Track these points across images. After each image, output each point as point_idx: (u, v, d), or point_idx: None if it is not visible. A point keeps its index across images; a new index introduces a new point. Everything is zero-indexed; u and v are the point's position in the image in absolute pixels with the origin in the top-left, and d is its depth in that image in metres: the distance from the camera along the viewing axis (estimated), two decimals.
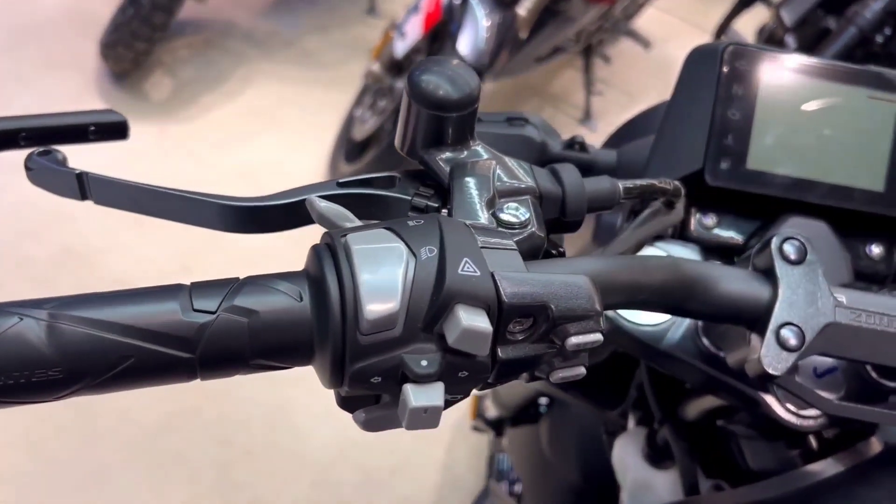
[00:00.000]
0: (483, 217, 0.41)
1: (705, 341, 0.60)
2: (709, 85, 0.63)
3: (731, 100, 0.63)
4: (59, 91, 2.69)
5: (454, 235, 0.36)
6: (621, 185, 0.48)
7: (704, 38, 2.83)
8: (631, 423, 0.81)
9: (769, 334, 0.49)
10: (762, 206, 0.65)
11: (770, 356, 0.49)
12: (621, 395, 0.84)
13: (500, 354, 0.37)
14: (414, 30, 2.20)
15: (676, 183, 0.53)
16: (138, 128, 2.67)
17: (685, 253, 0.62)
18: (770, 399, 0.59)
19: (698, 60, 0.66)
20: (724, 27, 2.35)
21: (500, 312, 0.36)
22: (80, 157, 0.50)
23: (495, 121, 0.73)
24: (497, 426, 1.35)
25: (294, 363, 0.36)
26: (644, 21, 3.24)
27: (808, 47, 2.08)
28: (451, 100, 0.43)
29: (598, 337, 0.38)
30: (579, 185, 0.46)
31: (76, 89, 2.71)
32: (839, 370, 0.59)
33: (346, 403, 0.38)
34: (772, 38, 2.28)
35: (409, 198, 0.44)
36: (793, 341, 0.49)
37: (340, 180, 0.44)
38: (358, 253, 0.35)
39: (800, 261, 0.51)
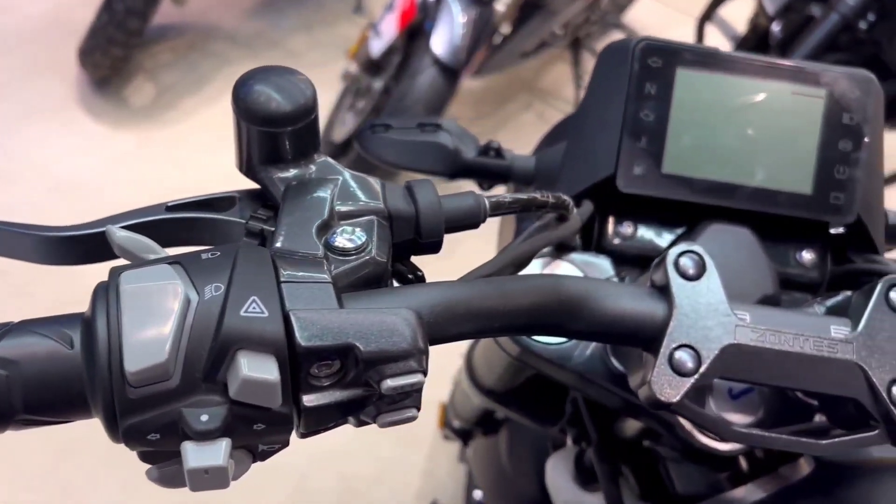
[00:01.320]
0: (313, 243, 0.37)
1: (613, 360, 0.56)
2: (620, 84, 0.59)
3: (644, 100, 0.59)
4: (40, 99, 2.67)
5: (248, 270, 0.32)
6: (491, 200, 0.44)
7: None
8: (569, 440, 0.77)
9: (661, 357, 0.45)
10: (682, 212, 0.61)
11: (661, 382, 0.45)
12: (560, 412, 0.80)
13: (304, 402, 0.33)
14: (389, 29, 2.16)
15: (563, 196, 0.49)
16: (119, 135, 2.66)
17: (595, 265, 0.58)
18: (686, 422, 0.55)
19: (609, 58, 0.61)
20: (707, 15, 2.29)
21: (295, 357, 0.32)
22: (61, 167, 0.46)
23: (406, 127, 0.69)
24: (464, 435, 1.31)
25: (71, 417, 0.32)
26: (638, 11, 3.18)
27: (792, 35, 2.03)
28: (281, 113, 0.39)
29: (418, 379, 0.34)
30: (435, 203, 0.41)
31: (57, 97, 2.68)
32: (756, 390, 0.54)
33: (145, 456, 0.34)
34: (756, 28, 2.22)
35: (244, 221, 0.40)
36: (689, 364, 0.45)
37: (170, 203, 0.41)
38: (127, 294, 0.31)
39: (698, 276, 0.46)
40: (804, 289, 0.63)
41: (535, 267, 0.57)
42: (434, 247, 0.42)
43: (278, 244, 0.36)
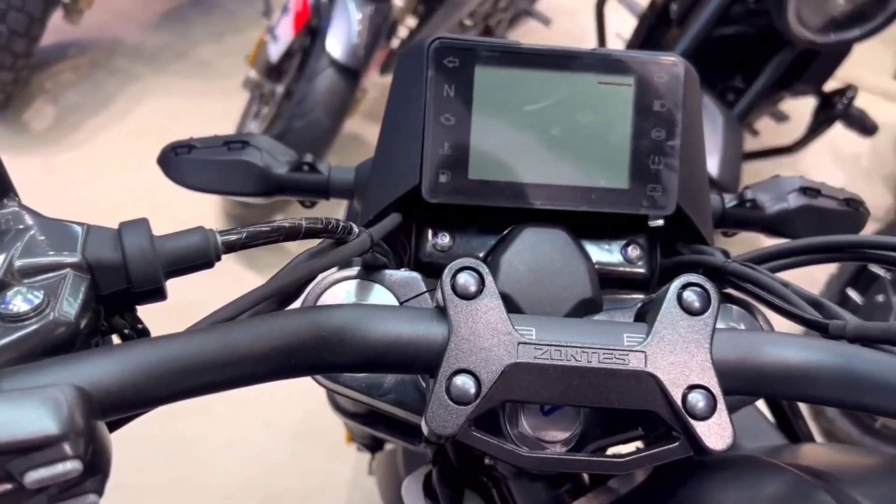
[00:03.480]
0: None
1: (422, 383, 0.53)
2: (418, 88, 0.55)
3: (444, 103, 0.55)
4: None
5: None
6: (224, 236, 0.40)
7: (615, 13, 2.75)
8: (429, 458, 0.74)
9: (438, 386, 0.41)
10: (499, 217, 0.58)
11: (438, 413, 0.41)
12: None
13: None
14: (285, 32, 2.10)
15: (331, 220, 0.45)
16: (20, 162, 2.55)
17: (405, 282, 0.54)
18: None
19: (406, 61, 0.57)
20: None
21: None
22: None
23: (211, 146, 0.65)
24: (371, 447, 1.28)
25: None
26: None
27: (688, 10, 2.03)
28: None
29: (72, 467, 0.29)
30: (146, 247, 0.37)
31: None
32: None
33: None
34: (654, 4, 2.22)
35: None
36: (469, 391, 0.42)
37: None
38: None
39: (477, 293, 0.43)
40: (634, 286, 0.60)
41: (337, 293, 0.53)
42: (156, 294, 0.38)
43: None
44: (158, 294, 0.38)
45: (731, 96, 2.16)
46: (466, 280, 0.43)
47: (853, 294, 2.20)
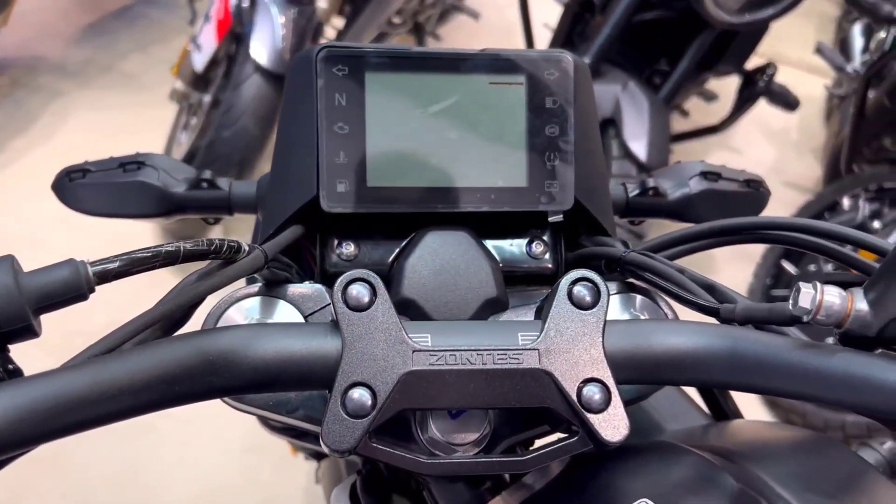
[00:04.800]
0: None
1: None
2: (309, 98, 0.55)
3: (337, 111, 0.55)
4: None
5: None
6: (96, 267, 0.39)
7: (543, 3, 2.77)
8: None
9: (333, 401, 0.41)
10: (401, 223, 0.57)
11: (334, 428, 0.41)
12: None
13: None
14: (208, 40, 2.06)
15: (214, 241, 0.44)
16: None
17: (308, 295, 0.54)
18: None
19: (296, 71, 0.57)
20: None
21: None
22: None
23: (107, 168, 0.63)
24: (317, 456, 1.26)
25: None
26: None
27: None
28: None
29: None
30: (10, 286, 0.36)
31: None
32: None
33: None
34: None
35: None
36: (365, 403, 0.41)
37: None
38: None
39: (370, 304, 0.43)
40: (542, 281, 0.61)
41: (237, 313, 0.52)
42: (26, 332, 0.37)
43: None
44: (29, 332, 0.37)
45: (658, 80, 2.20)
46: (359, 291, 0.43)
47: (787, 265, 2.27)
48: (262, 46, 1.97)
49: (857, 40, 3.06)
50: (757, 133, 3.36)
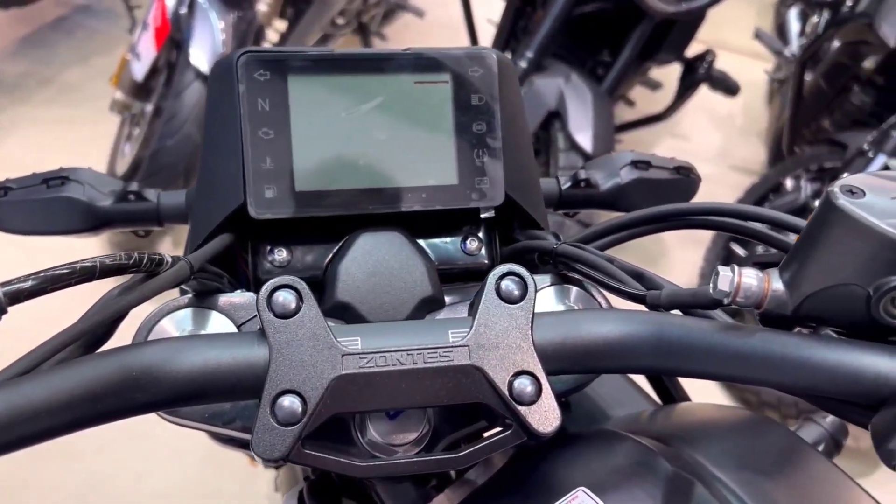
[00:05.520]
0: None
1: None
2: (232, 105, 0.54)
3: (260, 117, 0.54)
4: None
5: None
6: (9, 288, 0.38)
7: None
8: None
9: (262, 410, 0.41)
10: (334, 227, 0.57)
11: (264, 437, 0.41)
12: None
13: None
14: (147, 48, 2.03)
15: (132, 254, 0.44)
16: None
17: (240, 304, 0.53)
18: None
19: (217, 78, 0.56)
20: None
21: None
22: None
23: (29, 185, 0.62)
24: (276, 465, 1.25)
25: None
26: None
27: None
28: None
29: None
30: None
31: None
32: None
33: None
34: None
35: None
36: (296, 410, 0.41)
37: None
38: None
39: (296, 310, 0.43)
40: (479, 277, 0.61)
41: (168, 325, 0.51)
42: None
43: None
44: None
45: (601, 71, 2.22)
46: (285, 298, 0.43)
47: (736, 247, 2.31)
48: (203, 53, 1.94)
49: (794, 25, 3.13)
50: (703, 119, 3.42)
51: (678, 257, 2.48)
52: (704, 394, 0.72)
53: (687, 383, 0.71)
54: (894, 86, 2.21)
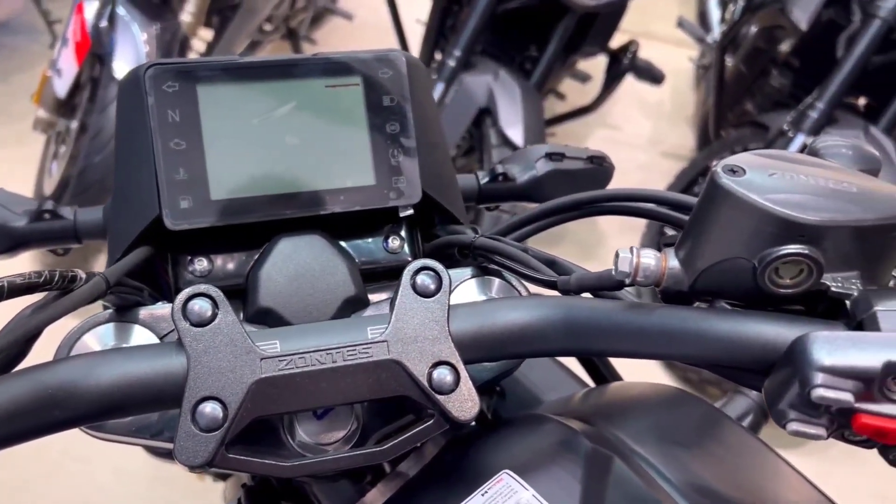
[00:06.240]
0: None
1: None
2: (142, 118, 0.54)
3: (171, 128, 0.54)
4: None
5: None
6: None
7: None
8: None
9: (183, 418, 0.41)
10: (255, 233, 0.58)
11: (186, 444, 0.41)
12: None
13: None
14: (68, 64, 1.98)
15: (43, 272, 0.44)
16: None
17: (163, 316, 0.53)
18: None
19: (125, 92, 0.56)
20: None
21: None
22: None
23: None
24: (223, 475, 1.24)
25: None
26: None
27: None
28: None
29: None
30: None
31: None
32: None
33: None
34: None
35: None
36: (217, 416, 0.42)
37: None
38: None
39: (212, 317, 0.43)
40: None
41: (90, 341, 0.51)
42: None
43: None
44: None
45: (529, 66, 2.26)
46: (201, 307, 0.43)
47: (669, 231, 2.37)
48: (127, 66, 1.91)
49: (714, 12, 3.22)
50: (634, 108, 3.49)
51: (616, 244, 2.54)
52: (646, 375, 0.74)
53: (631, 365, 0.73)
54: (809, 68, 2.30)
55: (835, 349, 0.37)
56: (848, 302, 0.40)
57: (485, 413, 0.82)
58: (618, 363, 0.76)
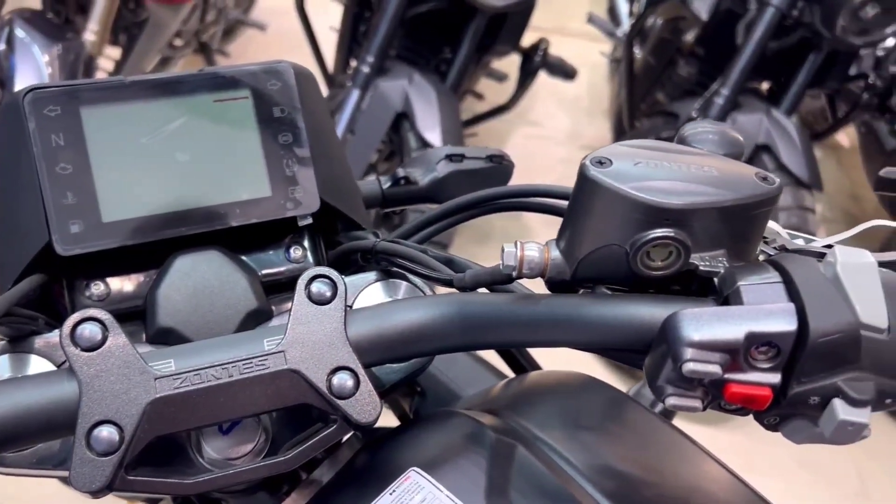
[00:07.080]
0: None
1: None
2: (23, 144, 0.53)
3: (56, 153, 0.53)
4: None
5: None
6: None
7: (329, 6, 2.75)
8: None
9: (77, 444, 0.41)
10: (152, 254, 0.57)
11: (83, 470, 0.41)
12: None
13: None
14: None
15: None
16: None
17: (57, 345, 0.52)
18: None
19: (5, 118, 0.55)
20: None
21: None
22: None
23: None
24: (153, 501, 1.22)
25: None
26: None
27: None
28: None
29: None
30: None
31: None
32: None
33: None
34: None
35: None
36: (113, 439, 0.41)
37: None
38: None
39: (103, 341, 0.43)
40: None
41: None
42: None
43: None
44: None
45: (444, 68, 2.28)
46: (91, 331, 0.43)
47: None
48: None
49: (623, 6, 3.31)
50: (553, 104, 3.56)
51: (544, 237, 2.58)
52: (580, 364, 0.75)
53: (565, 356, 0.74)
54: (713, 56, 2.39)
55: (701, 325, 0.39)
56: (716, 279, 0.43)
57: (406, 413, 0.83)
58: (552, 354, 0.78)
